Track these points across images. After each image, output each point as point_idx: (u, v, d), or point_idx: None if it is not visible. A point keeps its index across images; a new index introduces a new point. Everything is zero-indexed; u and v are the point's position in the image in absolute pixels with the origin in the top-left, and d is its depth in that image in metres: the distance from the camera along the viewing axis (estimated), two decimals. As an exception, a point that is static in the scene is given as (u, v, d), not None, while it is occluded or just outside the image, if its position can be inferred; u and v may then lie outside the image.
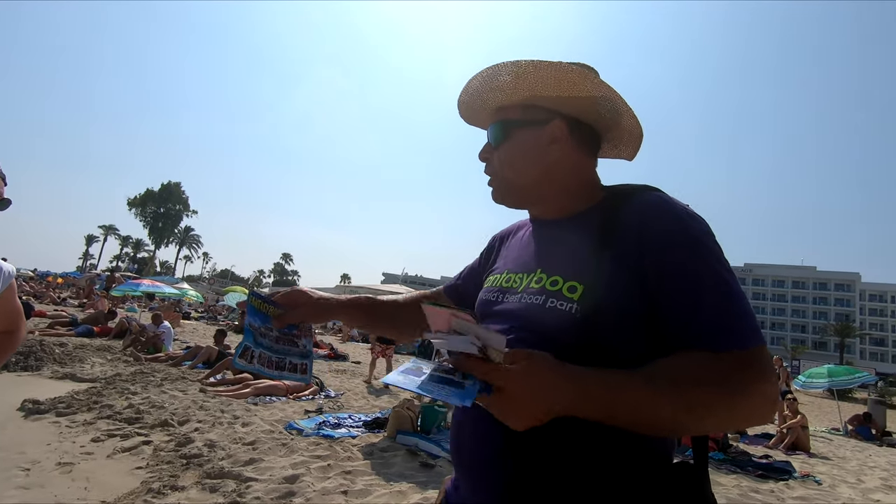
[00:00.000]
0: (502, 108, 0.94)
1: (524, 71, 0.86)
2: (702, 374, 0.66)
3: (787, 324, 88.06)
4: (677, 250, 0.75)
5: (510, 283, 0.90)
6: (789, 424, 7.90)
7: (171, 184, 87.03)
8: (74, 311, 14.54)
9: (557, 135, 0.90)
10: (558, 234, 0.90)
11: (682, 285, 0.73)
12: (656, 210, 0.80)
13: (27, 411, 4.53)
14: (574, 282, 0.79)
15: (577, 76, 0.85)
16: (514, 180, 0.93)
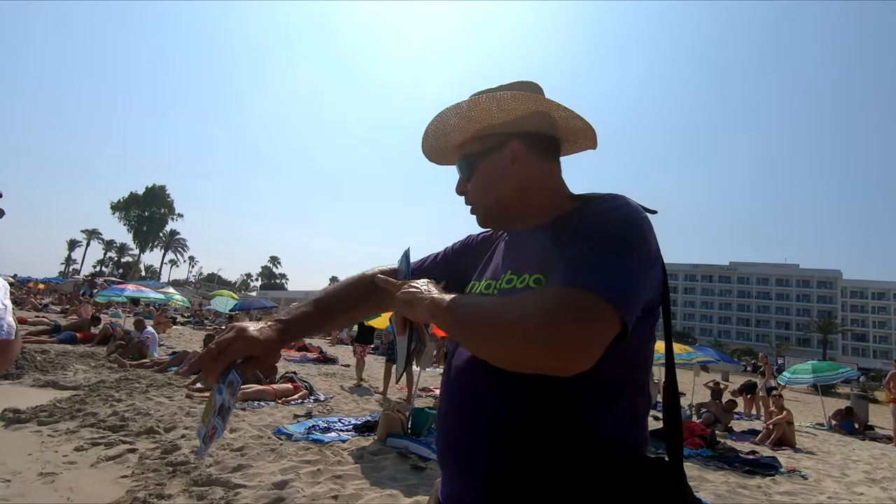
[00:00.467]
0: (462, 144, 1.02)
1: (467, 110, 0.94)
2: (521, 296, 0.78)
3: (771, 321, 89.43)
4: (597, 239, 0.78)
5: (490, 289, 0.97)
6: (775, 420, 8.01)
7: (155, 187, 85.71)
8: (57, 317, 14.26)
9: (517, 153, 0.96)
10: (528, 240, 0.97)
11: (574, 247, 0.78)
12: (608, 207, 0.85)
13: (7, 420, 4.43)
14: (539, 274, 0.86)
15: (512, 100, 0.92)
16: (493, 204, 0.99)
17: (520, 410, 0.79)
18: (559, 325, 0.67)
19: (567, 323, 0.67)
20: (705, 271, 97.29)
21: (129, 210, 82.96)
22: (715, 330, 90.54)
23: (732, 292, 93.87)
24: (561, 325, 0.67)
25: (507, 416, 0.80)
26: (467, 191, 1.02)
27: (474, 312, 0.77)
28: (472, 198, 1.02)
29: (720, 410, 9.07)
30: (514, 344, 0.69)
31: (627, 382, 0.84)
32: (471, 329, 0.76)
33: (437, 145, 1.05)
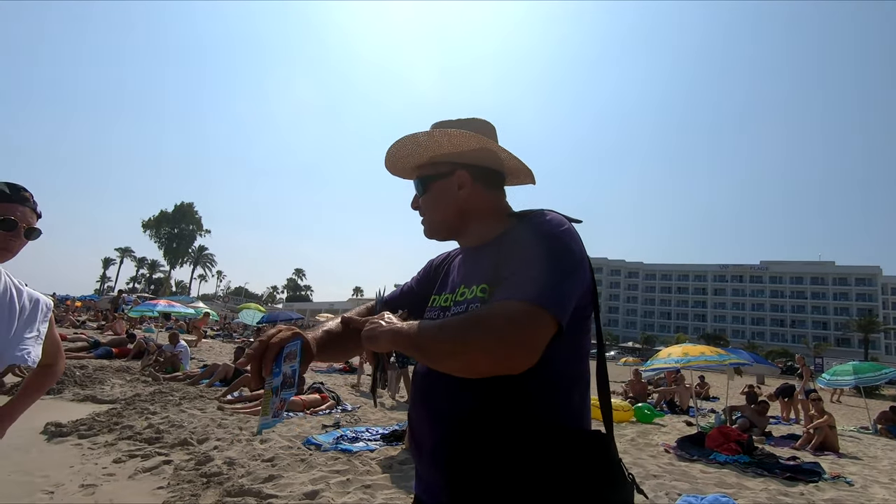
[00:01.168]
0: (418, 166, 1.19)
1: (423, 140, 1.11)
2: (462, 317, 0.86)
3: (807, 321, 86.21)
4: (527, 241, 0.95)
5: (448, 301, 1.11)
6: (816, 424, 7.70)
7: (184, 204, 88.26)
8: (93, 333, 14.76)
9: (462, 181, 1.13)
10: (476, 256, 1.12)
11: (512, 262, 0.92)
12: (538, 221, 1.00)
13: (50, 434, 4.59)
14: (484, 284, 1.01)
15: (460, 137, 1.07)
16: (438, 220, 1.17)
17: (475, 404, 0.93)
18: (504, 336, 0.79)
19: (510, 333, 0.79)
20: (735, 271, 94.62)
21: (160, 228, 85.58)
22: (748, 331, 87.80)
23: (765, 292, 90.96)
24: (506, 335, 0.79)
25: (465, 411, 0.93)
26: (420, 206, 1.19)
27: (429, 336, 0.87)
28: (424, 213, 1.18)
29: (755, 414, 8.77)
30: (467, 358, 0.82)
31: (567, 372, 0.96)
32: (429, 351, 0.87)
33: (397, 164, 1.21)
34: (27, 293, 1.57)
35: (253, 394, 6.96)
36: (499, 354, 0.79)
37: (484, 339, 0.80)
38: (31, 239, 1.47)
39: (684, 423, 9.11)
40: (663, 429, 8.47)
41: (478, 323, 0.82)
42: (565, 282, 0.88)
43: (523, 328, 0.80)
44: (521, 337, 0.79)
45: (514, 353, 0.79)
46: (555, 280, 0.87)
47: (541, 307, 0.82)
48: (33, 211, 1.47)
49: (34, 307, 1.57)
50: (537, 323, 0.81)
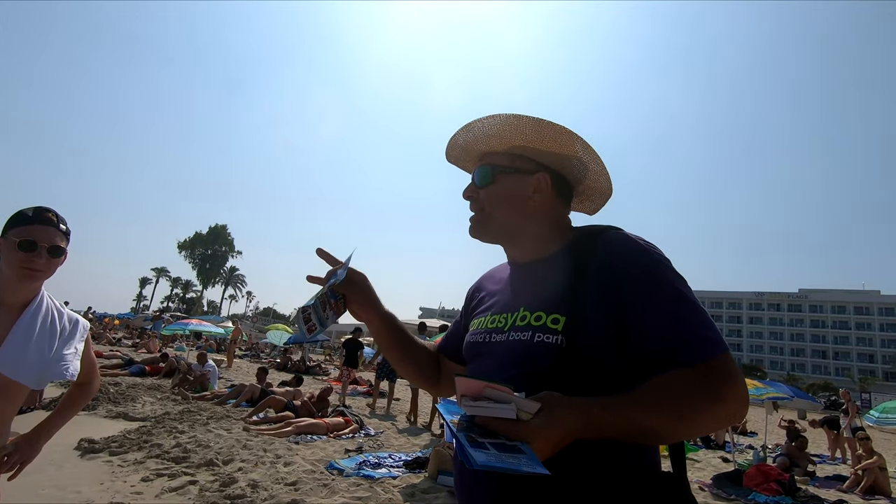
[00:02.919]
0: (490, 153, 1.06)
1: (523, 124, 0.99)
2: (682, 388, 0.78)
3: (852, 353, 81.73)
4: (642, 277, 0.86)
5: (495, 323, 0.98)
6: (865, 465, 7.22)
7: (217, 226, 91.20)
8: (128, 350, 15.21)
9: (542, 185, 1.01)
10: (536, 273, 0.99)
11: (652, 308, 0.84)
12: (621, 245, 0.91)
13: (83, 450, 4.71)
14: (556, 314, 0.88)
15: (565, 136, 0.98)
16: (498, 220, 1.03)
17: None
18: (728, 403, 0.79)
19: (732, 395, 0.79)
20: (772, 299, 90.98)
21: (194, 248, 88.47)
22: (787, 363, 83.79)
23: (805, 322, 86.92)
24: (729, 402, 0.79)
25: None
26: (477, 196, 1.05)
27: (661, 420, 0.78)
28: (481, 205, 1.04)
29: (795, 451, 8.30)
30: (741, 408, 0.81)
31: None
32: (667, 436, 0.81)
33: (473, 142, 1.07)
34: (67, 315, 1.65)
35: (278, 415, 7.00)
36: (733, 417, 0.81)
37: (727, 407, 0.80)
38: (56, 257, 1.49)
39: (720, 460, 8.68)
40: (697, 464, 8.09)
41: (709, 391, 0.78)
42: (704, 308, 0.87)
43: (735, 381, 0.80)
44: (739, 390, 0.80)
45: (741, 409, 0.81)
46: (707, 316, 0.85)
47: (727, 352, 0.82)
48: (59, 231, 1.50)
49: (73, 328, 1.64)
50: (733, 368, 0.81)
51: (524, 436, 0.69)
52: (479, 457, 0.64)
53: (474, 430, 0.71)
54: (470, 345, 1.04)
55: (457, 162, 1.16)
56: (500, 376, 0.86)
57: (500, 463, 0.64)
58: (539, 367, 0.86)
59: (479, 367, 0.99)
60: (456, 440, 0.70)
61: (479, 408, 0.71)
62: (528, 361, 0.88)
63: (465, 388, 0.74)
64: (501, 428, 0.70)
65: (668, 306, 0.84)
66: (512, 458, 0.65)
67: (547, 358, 0.86)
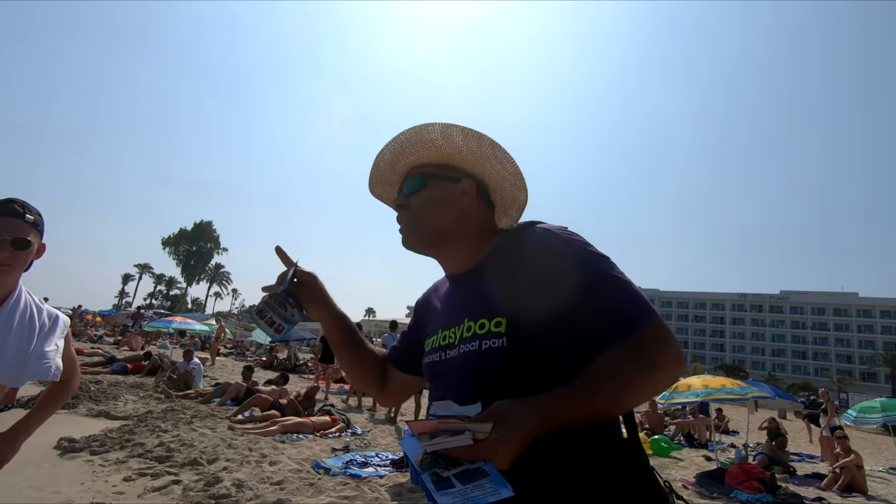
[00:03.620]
0: (419, 165, 1.10)
1: (437, 140, 1.05)
2: (619, 365, 0.82)
3: (830, 354, 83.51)
4: (566, 264, 0.90)
5: (446, 340, 1.01)
6: (843, 463, 7.38)
7: (203, 223, 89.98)
8: (110, 348, 14.94)
9: (468, 190, 1.06)
10: (472, 282, 1.03)
11: (580, 293, 0.88)
12: (542, 237, 0.96)
13: (63, 449, 4.61)
14: (498, 317, 0.91)
15: (487, 146, 1.05)
16: (431, 223, 1.05)
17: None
18: (664, 367, 0.84)
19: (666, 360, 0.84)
20: (754, 301, 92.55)
21: (179, 245, 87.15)
22: (768, 363, 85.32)
23: (785, 323, 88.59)
24: (665, 366, 0.84)
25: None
26: (409, 204, 1.08)
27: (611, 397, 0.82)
28: (413, 212, 1.07)
29: (776, 450, 8.45)
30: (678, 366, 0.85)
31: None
32: (614, 410, 0.85)
33: (400, 156, 1.10)
34: (47, 310, 1.60)
35: (264, 414, 6.93)
36: (676, 374, 0.85)
37: (664, 371, 0.84)
38: (21, 250, 1.43)
39: (703, 458, 8.80)
40: (681, 463, 8.20)
41: (645, 360, 0.83)
42: (631, 280, 0.91)
43: (670, 342, 0.85)
44: (676, 351, 0.85)
45: (679, 364, 0.86)
46: (634, 288, 0.89)
47: (655, 318, 0.86)
48: (25, 222, 1.45)
49: (53, 324, 1.60)
50: (665, 328, 0.86)
51: (485, 455, 0.71)
52: (445, 500, 0.68)
53: (440, 461, 0.73)
54: (427, 366, 1.07)
55: (382, 188, 1.19)
56: (461, 391, 0.91)
57: (467, 503, 0.67)
58: (492, 373, 0.89)
59: (440, 385, 1.01)
60: (422, 484, 0.72)
61: (438, 444, 0.74)
62: (481, 371, 0.90)
63: (421, 429, 0.77)
64: (462, 455, 0.72)
65: (595, 288, 0.88)
66: (476, 489, 0.68)
67: (497, 363, 0.89)
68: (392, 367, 1.24)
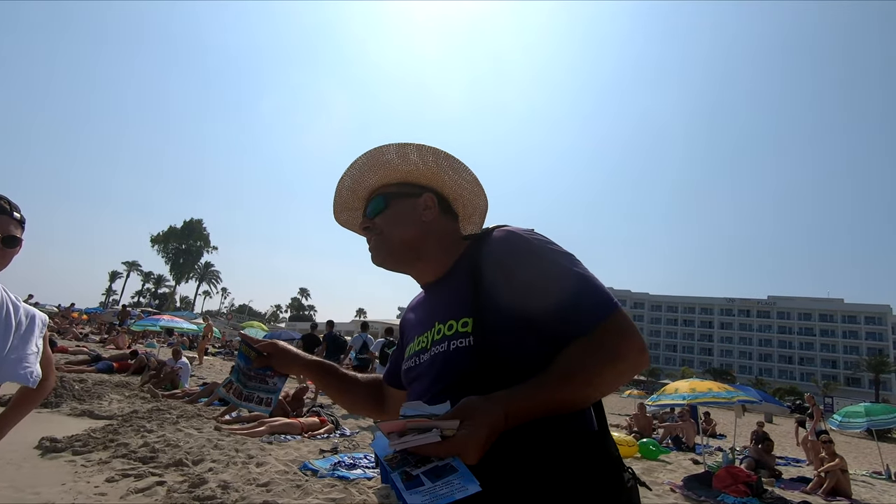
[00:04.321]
0: (380, 186, 1.13)
1: (408, 152, 1.08)
2: (582, 357, 0.84)
3: (816, 359, 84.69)
4: (527, 261, 0.94)
5: (420, 345, 1.05)
6: (828, 468, 7.46)
7: (192, 221, 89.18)
8: (96, 346, 14.73)
9: (429, 204, 1.10)
10: (441, 288, 1.08)
11: (542, 288, 0.90)
12: (504, 239, 1.00)
13: (44, 449, 4.52)
14: (465, 318, 0.94)
15: (442, 159, 1.08)
16: (398, 239, 1.08)
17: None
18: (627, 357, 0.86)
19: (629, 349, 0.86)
20: (742, 305, 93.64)
21: (168, 243, 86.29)
22: (755, 367, 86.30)
23: (773, 328, 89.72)
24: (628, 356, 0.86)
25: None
26: (375, 225, 1.11)
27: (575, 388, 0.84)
28: (380, 231, 1.10)
29: (762, 454, 8.53)
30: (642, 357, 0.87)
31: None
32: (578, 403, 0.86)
33: (359, 181, 1.14)
34: (24, 308, 1.56)
35: (251, 415, 6.86)
36: (640, 365, 0.87)
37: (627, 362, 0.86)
38: (11, 247, 1.42)
39: (691, 461, 8.86)
40: (668, 466, 8.24)
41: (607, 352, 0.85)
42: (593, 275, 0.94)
43: (633, 334, 0.87)
44: (638, 341, 0.87)
45: (643, 356, 0.87)
46: (593, 280, 0.92)
47: (616, 310, 0.89)
48: (12, 219, 1.43)
49: (31, 323, 1.56)
50: (628, 324, 0.88)
51: (452, 451, 0.72)
52: (415, 499, 0.68)
53: (409, 459, 0.74)
54: (405, 372, 1.10)
55: (346, 214, 1.23)
56: (433, 393, 0.94)
57: (435, 500, 0.68)
58: (461, 373, 0.91)
59: (415, 389, 1.03)
60: (392, 484, 0.72)
61: (406, 442, 0.75)
62: (451, 370, 0.93)
63: (390, 429, 0.77)
64: (431, 451, 0.73)
65: (557, 284, 0.90)
66: (445, 485, 0.69)
67: (465, 362, 0.91)
68: (389, 388, 1.27)
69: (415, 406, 0.80)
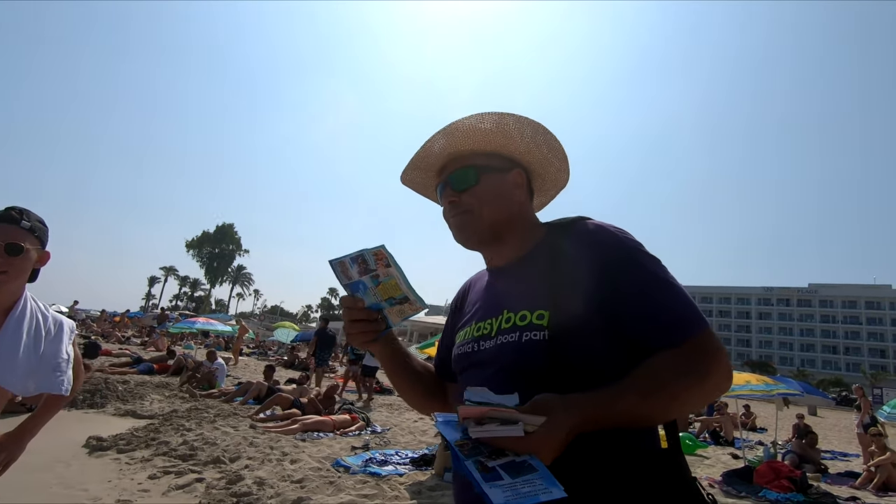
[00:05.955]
0: (469, 155, 1.04)
1: (507, 123, 1.01)
2: (672, 370, 0.80)
3: (863, 348, 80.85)
4: (619, 263, 0.88)
5: (481, 331, 0.98)
6: (878, 462, 7.11)
7: (224, 225, 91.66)
8: (137, 349, 15.32)
9: (519, 182, 1.05)
10: (514, 274, 1.01)
11: (632, 293, 0.86)
12: (594, 234, 0.93)
13: (91, 448, 4.73)
14: (540, 310, 0.89)
15: (541, 133, 1.03)
16: (489, 220, 1.01)
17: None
18: (714, 377, 0.81)
19: (717, 370, 0.82)
20: (781, 294, 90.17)
21: (202, 248, 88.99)
22: (797, 359, 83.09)
23: (815, 317, 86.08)
24: (715, 376, 0.81)
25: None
26: (463, 201, 1.02)
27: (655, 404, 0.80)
28: (469, 209, 1.02)
29: (806, 448, 8.20)
30: (727, 379, 0.83)
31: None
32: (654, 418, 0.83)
33: (452, 144, 1.04)
34: (52, 317, 1.61)
35: (285, 413, 7.01)
36: (725, 387, 0.83)
37: (713, 382, 0.82)
38: (13, 255, 1.41)
39: (730, 456, 8.59)
40: (706, 461, 8.02)
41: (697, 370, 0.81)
42: (682, 287, 0.89)
43: (720, 354, 0.83)
44: (724, 362, 0.83)
45: (728, 378, 0.84)
46: (686, 295, 0.87)
47: (707, 328, 0.84)
48: (20, 228, 1.44)
49: (59, 330, 1.61)
50: (718, 343, 0.84)
51: (531, 449, 0.69)
52: (496, 494, 0.63)
53: (482, 449, 0.69)
54: (459, 357, 1.03)
55: (418, 174, 1.13)
56: (495, 382, 0.85)
57: (518, 499, 0.62)
58: (531, 366, 0.87)
59: (473, 376, 0.97)
60: (466, 473, 0.67)
61: (488, 431, 0.70)
62: (520, 362, 0.88)
63: (468, 414, 0.72)
64: (507, 444, 0.69)
65: (647, 290, 0.86)
66: (526, 484, 0.64)
67: (538, 355, 0.86)
68: (443, 381, 1.20)
69: (480, 393, 0.75)
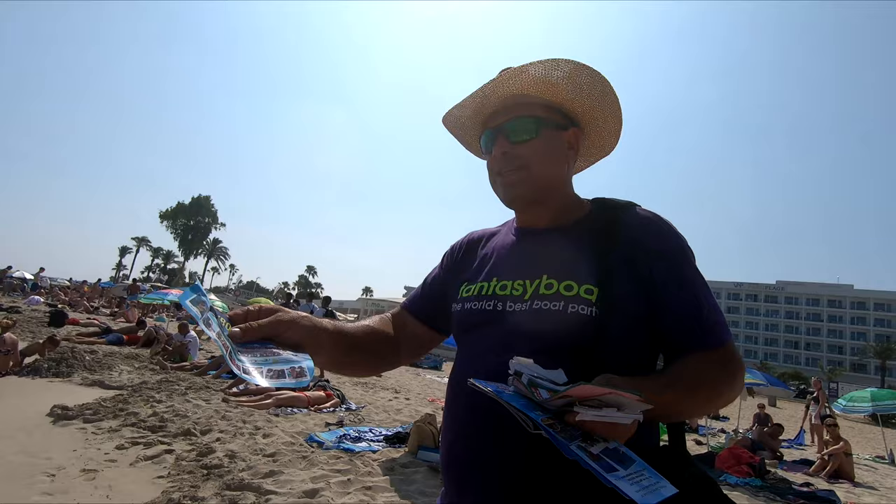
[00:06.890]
0: (526, 104, 0.94)
1: (581, 77, 0.92)
2: (711, 371, 0.81)
3: (822, 345, 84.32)
4: (673, 258, 0.88)
5: (507, 290, 0.91)
6: (831, 451, 7.47)
7: (201, 197, 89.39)
8: (106, 319, 14.93)
9: (573, 141, 0.98)
10: (557, 241, 0.94)
11: (681, 290, 0.86)
12: (652, 223, 0.91)
13: (56, 417, 4.61)
14: (588, 285, 0.84)
15: (609, 91, 0.95)
16: (543, 177, 0.94)
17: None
18: (738, 385, 0.85)
19: (741, 378, 0.86)
20: (749, 290, 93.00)
21: (176, 219, 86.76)
22: (760, 352, 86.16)
23: (780, 313, 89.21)
24: (739, 384, 0.85)
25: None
26: (519, 156, 0.92)
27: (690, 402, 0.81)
28: (522, 162, 0.92)
29: (766, 437, 8.55)
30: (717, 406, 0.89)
31: None
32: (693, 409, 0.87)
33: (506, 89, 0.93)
34: None
35: (258, 388, 6.94)
36: (737, 395, 0.88)
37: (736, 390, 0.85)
38: None
39: (693, 442, 8.90)
40: (671, 446, 8.28)
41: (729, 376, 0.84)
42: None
43: (743, 365, 0.87)
44: (744, 371, 0.88)
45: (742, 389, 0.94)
46: (717, 304, 0.89)
47: (731, 341, 0.88)
48: None
49: None
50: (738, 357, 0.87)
51: (617, 434, 0.65)
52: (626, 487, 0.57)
53: (572, 431, 0.64)
54: (470, 312, 0.94)
55: (467, 115, 1.02)
56: (524, 348, 0.80)
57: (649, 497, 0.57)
58: (574, 339, 0.82)
59: (487, 335, 0.90)
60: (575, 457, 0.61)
61: (602, 416, 0.64)
62: (561, 333, 0.83)
63: (588, 394, 0.65)
64: (599, 429, 0.64)
65: (694, 290, 0.87)
66: (642, 478, 0.59)
67: (583, 330, 0.82)
68: (410, 317, 1.10)
69: (529, 366, 0.69)
